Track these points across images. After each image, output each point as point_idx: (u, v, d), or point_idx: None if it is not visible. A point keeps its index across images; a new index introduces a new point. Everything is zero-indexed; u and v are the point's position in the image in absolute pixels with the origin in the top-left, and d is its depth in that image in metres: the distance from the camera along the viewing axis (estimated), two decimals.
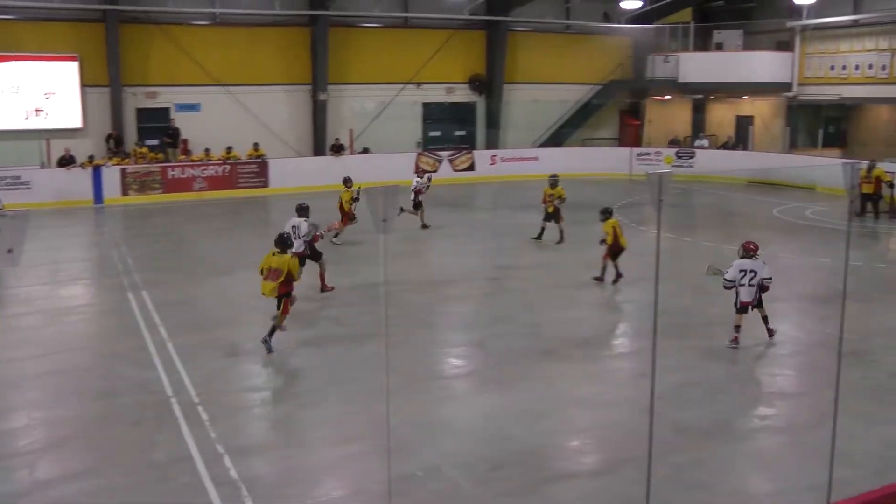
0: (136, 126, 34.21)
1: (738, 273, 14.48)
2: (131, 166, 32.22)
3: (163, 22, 33.71)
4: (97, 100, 32.96)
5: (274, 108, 36.23)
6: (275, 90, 36.15)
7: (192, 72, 34.41)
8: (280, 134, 36.29)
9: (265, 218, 30.37)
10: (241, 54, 35.34)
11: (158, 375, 13.20)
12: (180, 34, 34.15)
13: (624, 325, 17.02)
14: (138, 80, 33.69)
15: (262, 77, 35.71)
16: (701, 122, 42.88)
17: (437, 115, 40.37)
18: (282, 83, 36.30)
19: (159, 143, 34.26)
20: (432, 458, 10.43)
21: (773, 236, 24.29)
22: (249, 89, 35.46)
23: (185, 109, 34.85)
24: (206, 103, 35.02)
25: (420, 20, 38.37)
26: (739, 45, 41.21)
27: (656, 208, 7.17)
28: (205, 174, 33.16)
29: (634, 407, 11.43)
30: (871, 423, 11.31)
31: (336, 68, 36.61)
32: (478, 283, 19.60)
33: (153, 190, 32.25)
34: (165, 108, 34.73)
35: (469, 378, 13.74)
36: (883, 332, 15.67)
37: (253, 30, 35.44)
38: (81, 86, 32.62)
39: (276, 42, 35.97)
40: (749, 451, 10.90)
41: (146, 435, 11.13)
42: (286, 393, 13.01)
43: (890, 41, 36.24)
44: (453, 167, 37.49)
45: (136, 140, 33.73)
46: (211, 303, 17.84)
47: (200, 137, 34.53)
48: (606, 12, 42.01)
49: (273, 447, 11.00)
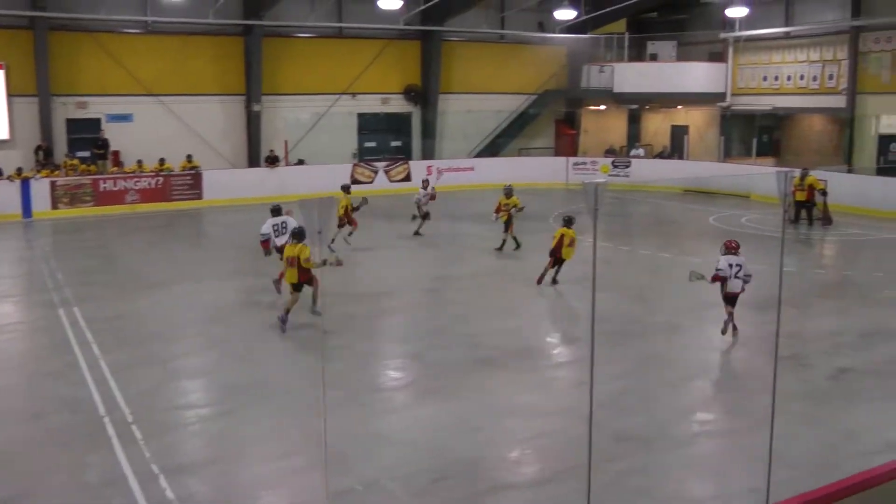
0: (66, 137, 33.50)
1: (727, 266, 15.12)
2: (61, 178, 31.48)
3: (93, 30, 33.08)
4: (25, 110, 32.19)
5: (208, 119, 35.73)
6: (209, 100, 35.67)
7: (124, 81, 33.81)
8: (214, 145, 35.78)
9: (199, 230, 30.00)
10: (174, 64, 34.81)
11: (90, 394, 12.87)
12: (111, 42, 33.57)
13: (562, 334, 16.98)
14: (68, 89, 33.02)
15: (195, 87, 35.21)
16: (636, 132, 43.14)
17: (372, 125, 40.11)
18: (216, 93, 35.83)
19: (90, 155, 33.56)
20: (371, 471, 10.32)
21: (709, 244, 24.16)
22: (183, 99, 34.95)
23: (117, 120, 34.20)
24: (139, 114, 34.44)
25: (354, 30, 38.12)
26: (673, 55, 41.69)
27: (592, 217, 7.18)
28: (137, 186, 32.51)
29: (574, 416, 11.43)
30: (808, 425, 11.47)
31: (270, 79, 36.22)
32: (415, 294, 19.54)
33: (84, 203, 31.52)
34: (97, 118, 34.04)
35: (407, 390, 13.67)
36: (819, 337, 15.89)
37: (186, 39, 34.91)
38: (8, 95, 31.88)
39: (210, 51, 35.51)
40: (689, 456, 10.95)
41: (77, 456, 10.81)
42: (222, 408, 12.71)
43: (821, 52, 36.85)
44: (389, 178, 37.24)
45: (67, 152, 33.02)
46: (145, 318, 17.49)
47: (133, 149, 33.88)
48: (541, 22, 42.04)
49: (209, 464, 10.77)
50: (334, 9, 37.46)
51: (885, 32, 34.51)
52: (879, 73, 34.83)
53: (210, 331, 16.49)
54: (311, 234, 6.53)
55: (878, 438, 11.22)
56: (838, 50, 36.29)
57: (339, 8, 37.62)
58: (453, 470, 10.34)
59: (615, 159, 39.95)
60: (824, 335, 16.04)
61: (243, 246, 25.27)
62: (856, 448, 10.98)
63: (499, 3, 41.13)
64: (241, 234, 27.22)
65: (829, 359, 14.60)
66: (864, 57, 35.35)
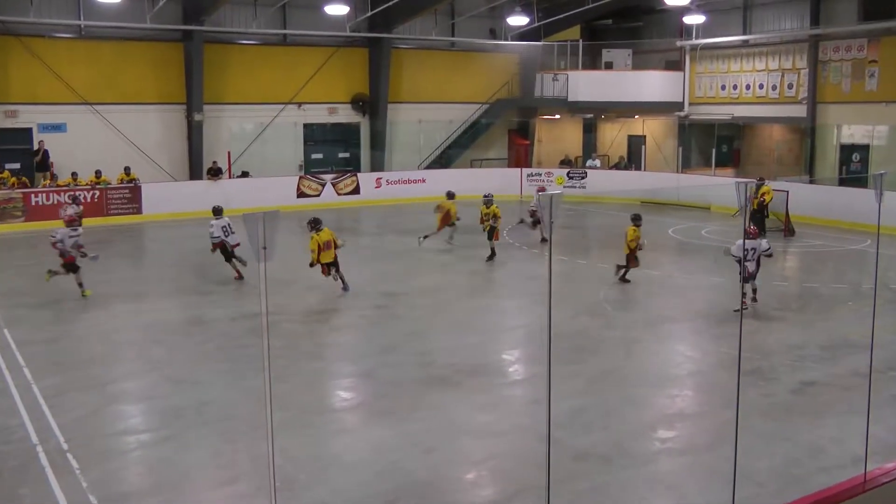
0: None
1: (741, 250, 16.34)
2: None
3: (22, 34, 31.58)
4: None
5: (146, 129, 34.39)
6: (146, 109, 34.32)
7: (57, 89, 32.42)
8: (153, 156, 34.45)
9: (139, 246, 28.84)
10: (110, 71, 33.50)
11: (22, 422, 12.28)
12: (42, 48, 32.12)
13: (517, 351, 16.54)
14: None
15: (132, 95, 33.90)
16: (592, 142, 42.85)
17: (319, 136, 39.10)
18: (154, 102, 34.50)
19: (20, 167, 32.03)
20: (322, 495, 10.10)
21: (668, 256, 24.50)
22: (119, 108, 33.60)
23: (50, 130, 32.74)
24: (73, 123, 33.03)
25: (300, 37, 37.08)
26: (629, 64, 41.41)
27: (547, 230, 7.43)
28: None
29: (531, 435, 11.45)
30: (772, 441, 11.38)
31: (212, 87, 35.01)
32: (364, 311, 19.19)
33: (14, 218, 29.98)
34: (27, 128, 32.58)
35: (358, 410, 13.36)
36: (782, 350, 15.70)
37: (122, 44, 33.63)
38: None
39: (148, 58, 34.21)
40: (650, 474, 10.71)
41: (8, 488, 10.27)
42: (163, 434, 12.06)
43: (780, 61, 36.56)
44: (337, 191, 36.19)
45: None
46: (81, 340, 16.92)
47: (67, 160, 32.42)
48: (493, 29, 41.26)
49: (151, 493, 10.30)
50: (278, 15, 36.33)
51: (844, 41, 34.27)
52: (840, 82, 34.48)
53: (150, 352, 15.95)
54: (256, 250, 6.09)
55: (844, 452, 11.06)
56: (797, 58, 36.02)
57: (283, 14, 36.50)
58: (407, 492, 10.13)
59: (570, 170, 39.31)
60: (787, 348, 15.82)
61: (185, 263, 24.77)
62: (821, 463, 10.86)
63: (449, 10, 40.28)
64: (183, 251, 26.59)
65: (793, 372, 14.47)
66: (823, 66, 35.00)
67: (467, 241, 24.86)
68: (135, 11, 32.42)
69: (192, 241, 27.80)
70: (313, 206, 33.95)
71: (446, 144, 41.04)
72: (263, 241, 6.22)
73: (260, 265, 6.23)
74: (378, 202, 36.00)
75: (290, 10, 36.47)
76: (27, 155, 32.28)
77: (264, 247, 6.21)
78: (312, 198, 35.08)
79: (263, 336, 6.74)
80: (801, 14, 35.45)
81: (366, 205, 35.68)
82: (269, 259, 6.23)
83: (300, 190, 35.19)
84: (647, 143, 41.59)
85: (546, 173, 39.12)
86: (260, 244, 6.21)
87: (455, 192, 26.07)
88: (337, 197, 35.99)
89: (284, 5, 35.82)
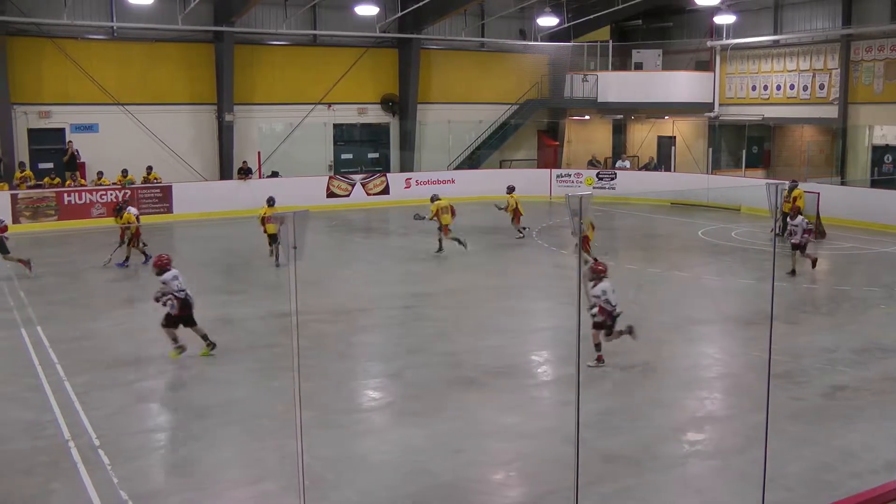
0: (27, 148, 32.29)
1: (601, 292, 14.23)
2: (23, 192, 30.21)
3: (56, 36, 31.89)
4: None
5: (177, 130, 34.60)
6: (178, 110, 34.52)
7: (89, 90, 32.68)
8: (184, 156, 34.66)
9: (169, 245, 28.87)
10: (141, 71, 33.76)
11: (55, 418, 12.33)
12: (75, 49, 32.40)
13: (545, 352, 16.37)
14: (29, 98, 31.83)
15: (163, 96, 34.12)
16: (622, 143, 42.60)
17: (348, 136, 39.24)
18: (185, 103, 34.71)
19: (54, 167, 32.33)
20: (349, 495, 10.02)
21: (697, 258, 24.20)
22: (150, 109, 33.82)
23: (82, 130, 33.02)
24: (104, 124, 33.29)
25: (330, 38, 37.19)
26: (659, 64, 41.17)
27: (576, 231, 7.18)
28: (104, 199, 31.20)
29: (559, 436, 11.36)
30: (802, 445, 11.21)
31: (243, 88, 35.18)
32: (393, 311, 19.13)
33: (47, 217, 30.26)
34: (60, 128, 32.88)
35: (386, 411, 13.26)
36: (813, 353, 15.43)
37: (153, 45, 33.85)
38: None
39: (179, 59, 34.44)
40: (679, 477, 10.61)
41: (41, 483, 10.36)
42: (193, 432, 12.09)
43: (811, 61, 36.19)
44: (366, 191, 36.26)
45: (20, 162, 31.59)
46: (112, 338, 16.95)
47: (98, 160, 32.66)
48: (523, 29, 41.23)
49: (180, 490, 10.31)
50: (308, 15, 36.43)
51: (876, 41, 33.94)
52: (872, 82, 34.16)
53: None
54: (287, 250, 6.20)
55: (876, 458, 10.91)
56: (829, 59, 35.69)
57: (313, 15, 36.61)
58: (434, 494, 10.07)
59: (600, 171, 39.13)
60: (818, 351, 15.57)
61: (214, 262, 24.68)
62: (853, 468, 10.63)
63: (479, 10, 40.23)
64: (212, 250, 26.64)
65: (824, 376, 14.23)
66: (855, 66, 34.67)
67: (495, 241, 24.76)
68: (166, 13, 32.65)
69: (222, 241, 28.00)
70: (343, 206, 34.12)
71: (475, 145, 41.04)
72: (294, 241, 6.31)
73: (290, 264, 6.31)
74: (407, 202, 35.98)
75: (320, 11, 36.58)
76: (60, 155, 32.56)
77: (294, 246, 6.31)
78: (342, 198, 35.21)
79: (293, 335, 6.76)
80: (832, 13, 35.18)
81: (395, 205, 35.66)
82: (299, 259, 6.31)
83: (330, 190, 35.29)
84: (677, 143, 41.26)
85: (575, 174, 39.03)
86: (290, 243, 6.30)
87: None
88: (366, 197, 36.07)
89: (314, 6, 35.90)
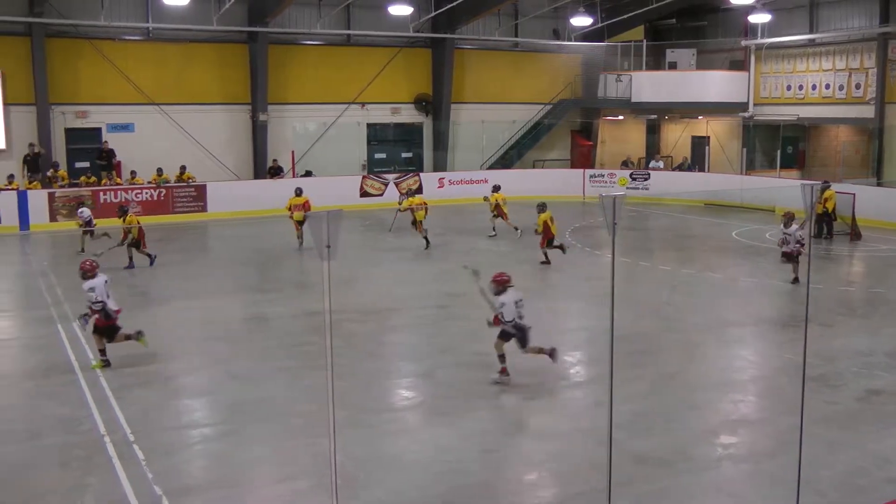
0: (65, 147, 32.67)
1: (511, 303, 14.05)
2: (59, 190, 30.55)
3: (93, 36, 32.22)
4: (22, 119, 31.35)
5: (211, 129, 34.87)
6: (212, 110, 34.78)
7: (125, 90, 33.01)
8: (218, 156, 34.92)
9: (203, 244, 29.18)
10: (177, 72, 34.06)
11: (90, 413, 12.51)
12: (112, 50, 32.73)
13: (578, 353, 16.26)
14: (67, 98, 32.19)
15: (198, 96, 34.38)
16: (655, 143, 42.43)
17: (382, 136, 39.40)
18: (219, 102, 34.98)
19: (90, 166, 32.67)
20: (380, 494, 10.06)
21: (731, 259, 24.16)
22: (185, 108, 34.11)
23: (118, 130, 33.36)
24: (140, 123, 33.64)
25: (363, 38, 37.34)
26: (693, 64, 40.94)
27: (611, 231, 7.18)
28: (139, 198, 31.48)
29: (591, 437, 11.28)
30: (836, 450, 11.14)
31: (276, 87, 35.39)
32: (425, 311, 19.09)
33: None
34: (97, 128, 33.23)
35: (418, 410, 13.25)
36: (848, 356, 15.28)
37: (188, 46, 34.14)
38: (4, 104, 31.05)
39: (213, 59, 34.71)
40: (712, 480, 10.58)
41: (76, 478, 10.49)
42: (226, 428, 12.24)
43: (847, 60, 35.92)
44: (400, 190, 36.20)
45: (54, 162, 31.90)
46: (147, 335, 16.64)
47: (134, 159, 33.03)
48: (556, 29, 41.20)
49: (213, 487, 10.42)
50: (342, 15, 36.60)
51: None
52: None
53: (212, 348, 16.06)
54: (320, 249, 6.27)
55: None
56: (865, 58, 35.43)
57: (347, 15, 36.79)
58: (466, 493, 10.10)
59: (633, 172, 39.00)
60: (853, 355, 15.39)
61: (248, 261, 24.84)
62: (888, 473, 10.55)
63: (512, 10, 40.28)
64: (245, 249, 26.76)
65: (859, 380, 14.08)
66: (892, 65, 34.38)
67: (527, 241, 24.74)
68: (201, 14, 32.89)
69: (254, 240, 28.12)
70: (376, 205, 34.16)
71: (509, 145, 41.03)
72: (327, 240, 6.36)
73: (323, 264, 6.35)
74: (440, 202, 36.00)
75: (354, 11, 36.72)
76: (96, 154, 32.87)
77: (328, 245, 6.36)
78: (375, 197, 35.29)
79: (326, 334, 6.77)
80: (869, 12, 34.93)
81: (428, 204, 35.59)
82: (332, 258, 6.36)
83: (363, 189, 35.43)
84: (711, 144, 41.07)
85: (609, 174, 38.94)
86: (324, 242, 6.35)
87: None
88: (400, 196, 35.99)
89: (348, 6, 36.04)
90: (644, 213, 33.77)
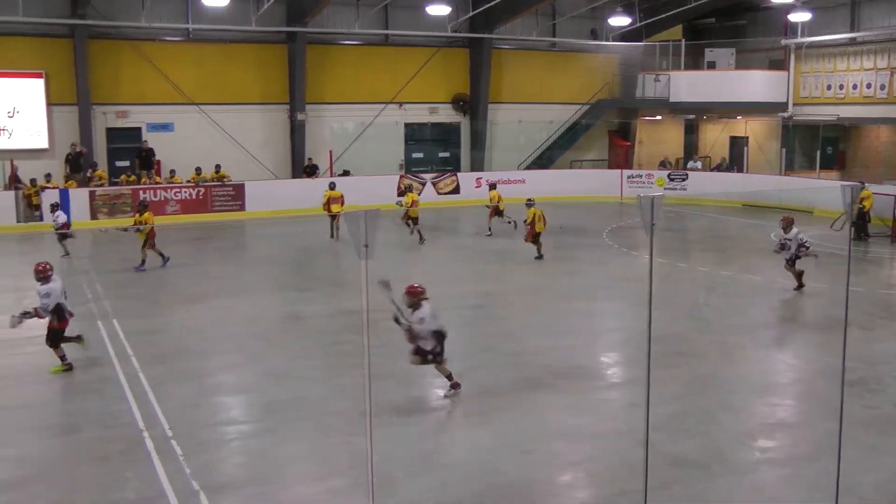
0: (105, 146, 33.05)
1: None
2: (100, 189, 30.92)
3: (133, 38, 32.58)
4: (64, 119, 31.76)
5: (250, 129, 35.10)
6: (251, 109, 35.02)
7: (165, 90, 33.30)
8: (257, 155, 35.09)
9: (241, 243, 29.34)
10: (216, 72, 34.31)
11: (129, 408, 12.69)
12: (152, 51, 33.03)
13: (615, 354, 16.32)
14: (108, 98, 32.56)
15: (237, 96, 34.61)
16: (693, 143, 42.21)
17: (419, 136, 39.43)
18: (258, 102, 35.20)
19: (130, 165, 33.00)
20: (416, 494, 10.10)
21: (770, 261, 23.73)
22: (224, 108, 34.35)
23: (158, 129, 33.68)
24: (179, 123, 33.94)
25: (401, 38, 37.41)
26: (732, 63, 40.55)
27: (648, 232, 7.19)
28: (178, 197, 31.78)
29: (628, 438, 11.29)
30: (876, 455, 11.04)
31: (315, 87, 35.55)
32: (461, 311, 18.86)
33: (123, 213, 30.70)
34: (137, 127, 33.55)
35: (453, 410, 13.22)
36: (888, 360, 15.16)
37: (227, 46, 34.40)
38: (47, 104, 31.46)
39: (252, 59, 34.94)
40: (750, 484, 10.45)
41: (115, 472, 10.63)
42: (263, 426, 12.38)
43: (889, 60, 35.46)
44: (437, 190, 36.38)
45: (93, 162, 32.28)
46: (184, 332, 17.26)
47: (173, 158, 33.30)
48: (594, 29, 41.04)
49: (250, 483, 10.54)
50: (380, 15, 36.67)
51: None
52: None
53: (249, 346, 16.19)
54: (358, 248, 6.34)
55: None
56: None
57: (385, 15, 36.86)
58: (502, 494, 10.08)
59: (671, 172, 38.80)
60: (893, 358, 15.30)
61: (284, 259, 24.92)
62: None
63: (550, 10, 40.19)
64: (283, 248, 26.88)
65: None
66: None
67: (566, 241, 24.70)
68: (240, 14, 33.07)
69: (292, 239, 28.26)
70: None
71: (546, 145, 40.93)
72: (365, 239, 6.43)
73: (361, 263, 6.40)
74: (478, 202, 36.00)
75: (392, 11, 36.79)
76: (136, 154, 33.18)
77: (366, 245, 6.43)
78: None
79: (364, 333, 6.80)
80: None
81: (465, 204, 35.74)
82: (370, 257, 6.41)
83: (401, 189, 35.33)
84: (750, 144, 40.75)
85: (646, 175, 38.76)
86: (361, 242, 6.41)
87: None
88: (437, 196, 36.18)
89: (386, 6, 36.10)
90: (682, 213, 33.57)
